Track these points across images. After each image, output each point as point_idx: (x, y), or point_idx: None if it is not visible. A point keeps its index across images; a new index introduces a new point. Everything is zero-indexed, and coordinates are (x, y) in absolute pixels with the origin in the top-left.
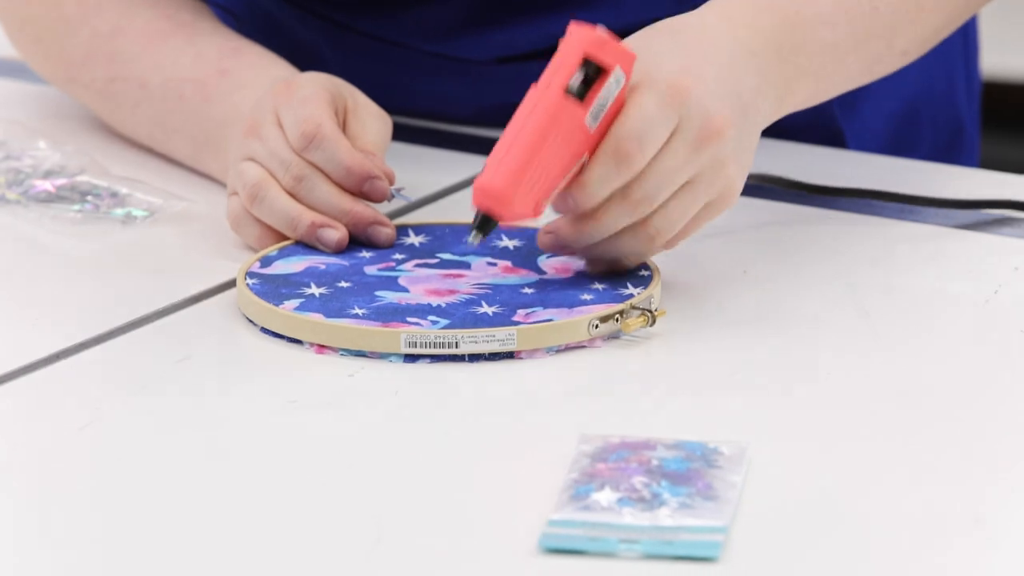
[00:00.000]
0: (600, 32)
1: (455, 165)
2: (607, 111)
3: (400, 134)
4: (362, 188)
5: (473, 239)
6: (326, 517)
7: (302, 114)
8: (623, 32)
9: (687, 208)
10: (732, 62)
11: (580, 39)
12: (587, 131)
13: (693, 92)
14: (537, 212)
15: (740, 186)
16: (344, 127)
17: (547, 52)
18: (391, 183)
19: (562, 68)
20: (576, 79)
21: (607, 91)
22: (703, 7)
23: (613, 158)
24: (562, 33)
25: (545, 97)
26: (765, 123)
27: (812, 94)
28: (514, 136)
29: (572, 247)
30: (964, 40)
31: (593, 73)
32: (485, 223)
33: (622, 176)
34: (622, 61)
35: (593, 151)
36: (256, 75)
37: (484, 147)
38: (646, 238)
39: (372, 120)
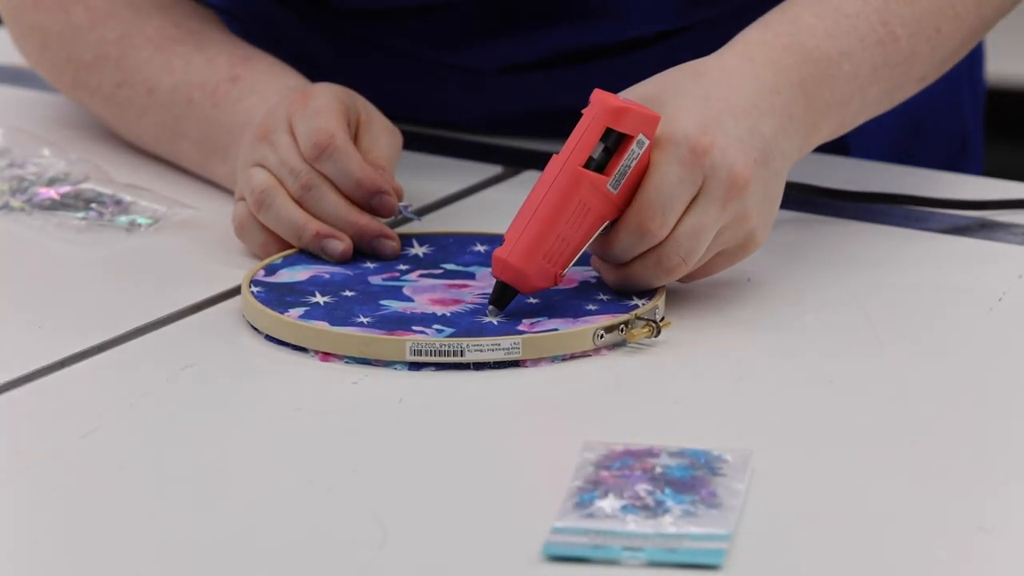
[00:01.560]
0: (622, 100)
1: (460, 173)
2: (631, 173)
3: (404, 141)
4: (370, 202)
5: (490, 313)
6: (330, 524)
7: (315, 124)
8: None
9: (701, 256)
10: (755, 106)
11: (601, 109)
12: (610, 196)
13: (716, 147)
14: (557, 282)
15: (763, 234)
16: (356, 140)
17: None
18: (399, 199)
19: (584, 140)
20: (597, 150)
21: (629, 157)
22: (724, 48)
23: (637, 230)
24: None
25: (565, 170)
26: (791, 162)
27: (836, 127)
28: (533, 210)
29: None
30: (970, 50)
31: (614, 142)
32: (503, 295)
33: (645, 245)
34: (645, 126)
35: (618, 212)
36: (267, 83)
37: (489, 155)
38: (656, 276)
39: (384, 134)
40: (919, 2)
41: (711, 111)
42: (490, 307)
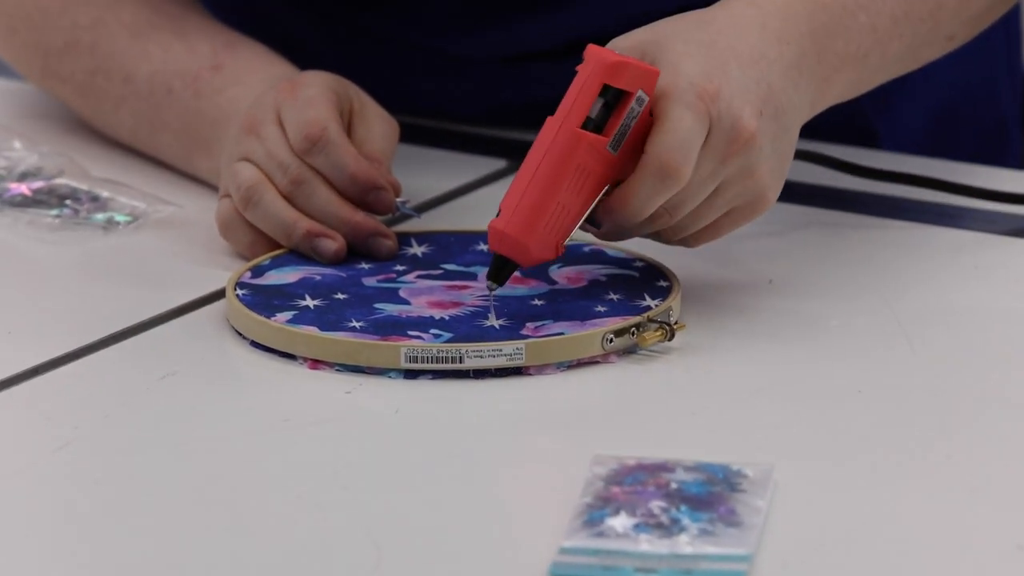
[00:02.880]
0: (618, 55)
1: (460, 167)
2: (631, 132)
3: (401, 134)
4: (366, 198)
5: (489, 288)
6: (322, 542)
7: (306, 115)
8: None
9: (703, 215)
10: (762, 55)
11: (597, 65)
12: (610, 158)
13: (722, 95)
14: (558, 252)
15: (774, 193)
16: (349, 131)
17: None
18: (397, 195)
19: (580, 99)
20: (595, 109)
21: (629, 115)
22: None
23: (658, 174)
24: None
25: (562, 132)
26: (803, 118)
27: (853, 83)
28: (530, 176)
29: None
30: (1006, 32)
31: (613, 99)
32: (502, 269)
33: (668, 191)
34: (643, 81)
35: (618, 175)
36: (253, 71)
37: (490, 148)
38: (653, 235)
39: (379, 125)
40: None
41: (716, 59)
42: (488, 282)
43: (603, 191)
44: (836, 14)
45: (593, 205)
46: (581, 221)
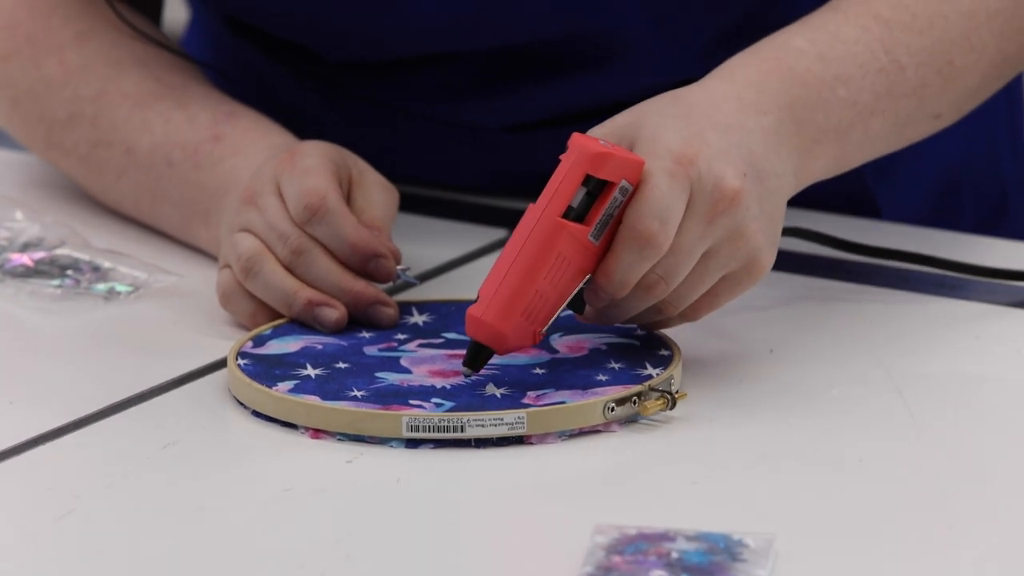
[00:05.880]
0: (603, 144)
1: (461, 237)
2: (613, 222)
3: (402, 203)
4: (366, 267)
5: (465, 375)
6: None
7: (306, 185)
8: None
9: (698, 282)
10: (740, 123)
11: (580, 155)
12: (591, 247)
13: (701, 158)
14: (536, 340)
15: (768, 256)
16: (349, 200)
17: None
18: (397, 262)
19: (562, 188)
20: (577, 198)
21: (612, 205)
22: (709, 75)
23: (635, 243)
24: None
25: (543, 220)
26: (789, 189)
27: (837, 158)
28: (509, 263)
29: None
30: (1008, 99)
31: (595, 188)
32: (478, 355)
33: (648, 260)
34: (628, 171)
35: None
36: (252, 142)
37: (490, 217)
38: (655, 311)
39: (378, 193)
40: (929, 32)
41: (693, 127)
42: (464, 368)
43: (584, 280)
44: (813, 88)
45: (573, 294)
46: (560, 310)
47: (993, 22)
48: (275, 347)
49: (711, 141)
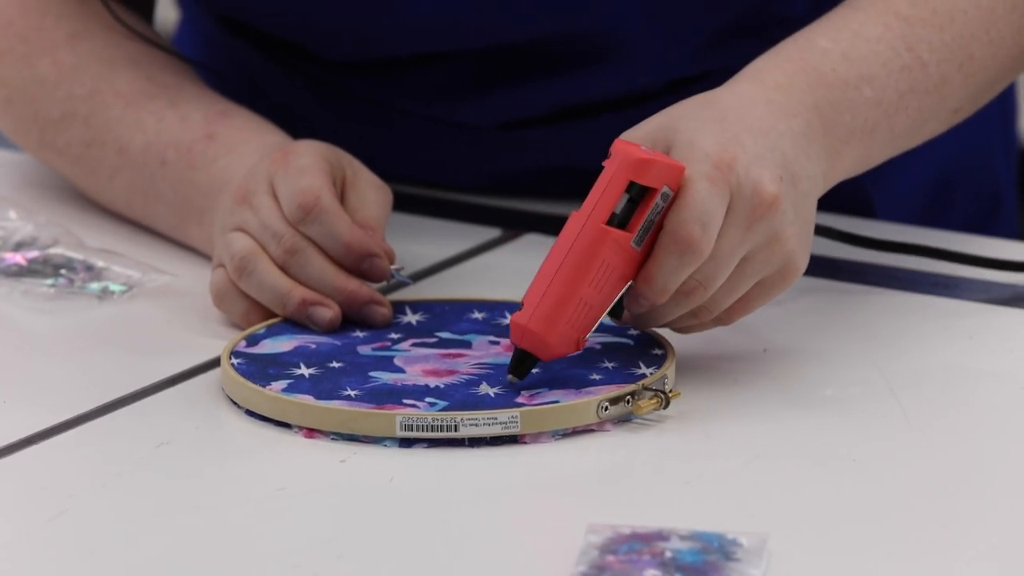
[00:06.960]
0: (644, 151)
1: (455, 236)
2: (654, 228)
3: (395, 202)
4: (360, 266)
5: (510, 381)
6: None
7: (300, 184)
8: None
9: (735, 287)
10: (772, 126)
11: (624, 162)
12: (633, 254)
13: (739, 163)
14: (579, 347)
15: (802, 260)
16: (342, 199)
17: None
18: (391, 262)
19: (605, 195)
20: (620, 204)
21: (653, 211)
22: (735, 77)
23: (677, 248)
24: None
25: (587, 228)
26: (818, 191)
27: (863, 157)
28: (553, 271)
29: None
30: (1002, 101)
31: (637, 195)
32: (522, 363)
33: (689, 265)
34: (669, 177)
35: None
36: (245, 141)
37: (486, 216)
38: (690, 316)
39: (372, 192)
40: (949, 27)
41: (729, 131)
42: (509, 376)
43: (626, 286)
44: (838, 88)
45: (615, 300)
46: (603, 316)
47: (1012, 15)
48: (269, 346)
49: (747, 145)
